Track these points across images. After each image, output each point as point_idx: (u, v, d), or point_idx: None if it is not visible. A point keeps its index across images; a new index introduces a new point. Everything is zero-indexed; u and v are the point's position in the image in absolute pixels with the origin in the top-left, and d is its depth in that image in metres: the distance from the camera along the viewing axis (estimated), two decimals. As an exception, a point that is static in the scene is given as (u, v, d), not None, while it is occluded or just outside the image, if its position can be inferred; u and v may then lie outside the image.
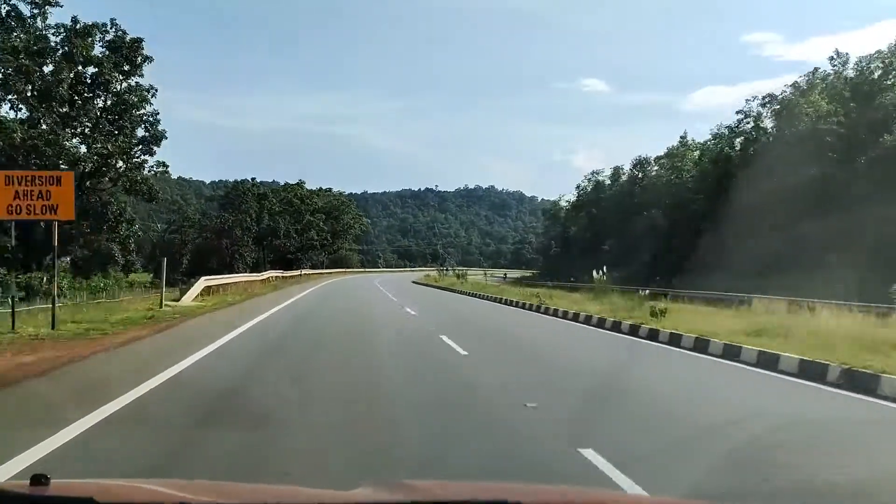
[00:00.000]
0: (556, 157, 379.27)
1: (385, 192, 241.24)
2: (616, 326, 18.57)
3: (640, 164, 76.69)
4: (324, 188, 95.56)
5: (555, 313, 24.75)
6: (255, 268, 63.58)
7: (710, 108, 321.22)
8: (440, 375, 10.53)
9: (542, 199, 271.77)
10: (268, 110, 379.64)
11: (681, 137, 68.44)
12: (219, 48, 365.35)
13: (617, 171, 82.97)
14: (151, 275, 54.68)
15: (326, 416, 7.31)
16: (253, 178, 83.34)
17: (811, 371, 10.44)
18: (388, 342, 15.76)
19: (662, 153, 71.84)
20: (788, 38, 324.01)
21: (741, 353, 12.35)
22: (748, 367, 11.63)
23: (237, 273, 53.54)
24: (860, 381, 9.45)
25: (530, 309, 28.65)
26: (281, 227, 75.94)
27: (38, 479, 1.80)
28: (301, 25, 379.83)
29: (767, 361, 11.48)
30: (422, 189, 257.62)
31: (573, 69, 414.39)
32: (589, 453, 5.63)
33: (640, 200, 70.17)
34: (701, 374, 11.41)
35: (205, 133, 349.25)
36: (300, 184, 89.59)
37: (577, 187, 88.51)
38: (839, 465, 5.71)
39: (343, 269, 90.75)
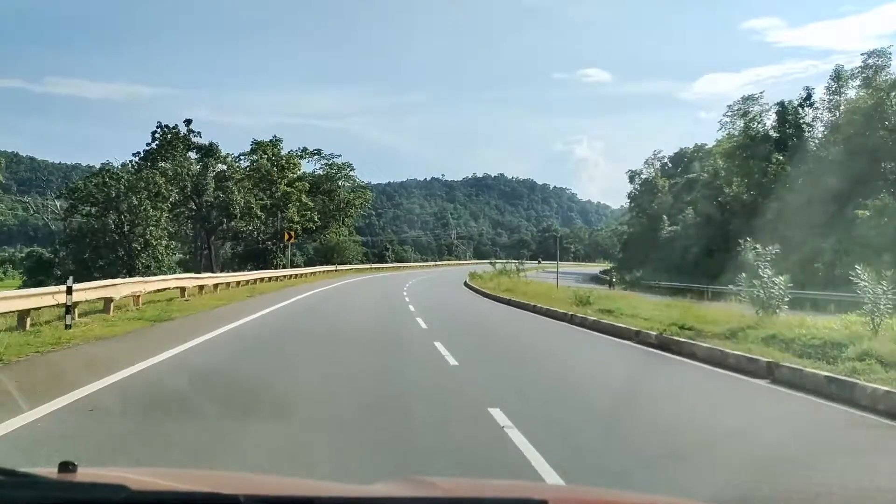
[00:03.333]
0: (558, 148, 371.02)
1: (389, 182, 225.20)
2: None
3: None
4: (309, 149, 65.51)
5: None
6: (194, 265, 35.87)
7: (712, 95, 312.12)
8: None
9: (555, 187, 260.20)
10: (269, 107, 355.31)
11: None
12: (216, 44, 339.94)
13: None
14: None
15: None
16: (188, 122, 51.97)
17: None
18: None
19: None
20: (790, 23, 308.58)
21: None
22: None
23: (138, 277, 24.84)
24: None
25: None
26: (236, 201, 46.47)
27: (66, 467, 1.76)
28: (299, 22, 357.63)
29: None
30: (428, 179, 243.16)
31: (574, 60, 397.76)
32: None
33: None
34: None
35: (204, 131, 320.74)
36: (275, 141, 60.27)
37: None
38: None
39: (342, 268, 60.30)
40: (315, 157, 64.77)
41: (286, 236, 41.47)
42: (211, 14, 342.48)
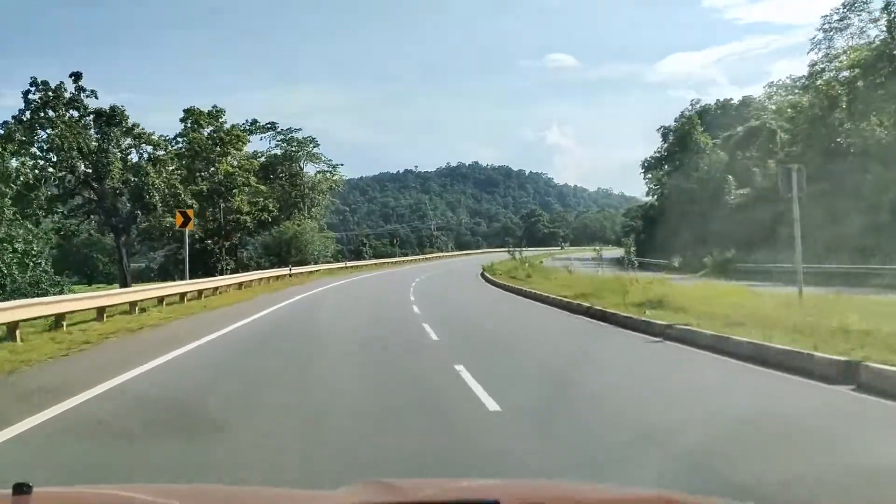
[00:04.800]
0: (531, 135, 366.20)
1: (362, 177, 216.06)
2: None
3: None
4: (261, 122, 51.12)
5: None
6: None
7: (677, 75, 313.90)
8: None
9: (531, 173, 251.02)
10: (234, 106, 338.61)
11: None
12: (184, 46, 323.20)
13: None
14: None
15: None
16: (76, 76, 35.87)
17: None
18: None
19: None
20: None
21: None
22: None
23: None
24: None
25: None
26: (153, 185, 32.45)
27: (20, 488, 1.69)
28: (263, 21, 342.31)
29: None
30: (401, 171, 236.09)
31: (540, 46, 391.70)
32: None
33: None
34: None
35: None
36: (215, 112, 46.06)
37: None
38: None
39: (303, 269, 43.81)
40: (269, 133, 50.91)
41: (179, 219, 26.23)
42: (166, 15, 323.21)
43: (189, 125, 42.47)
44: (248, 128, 48.14)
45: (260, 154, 50.17)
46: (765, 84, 44.18)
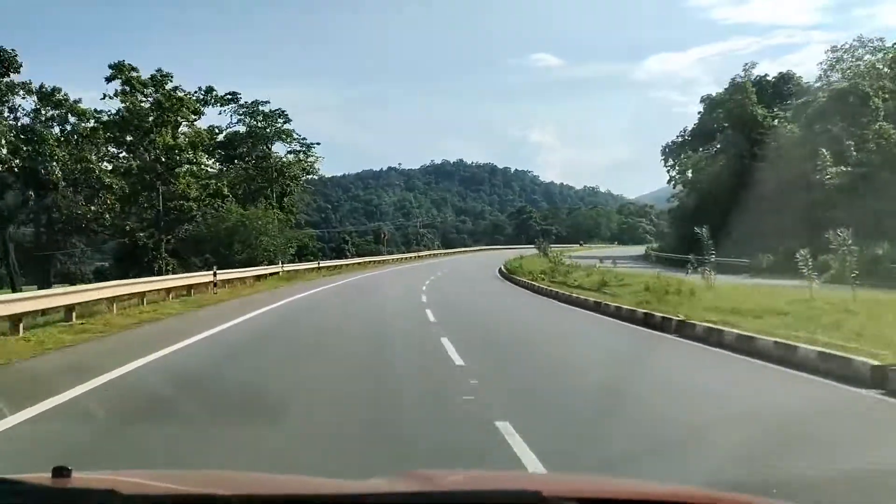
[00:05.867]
0: (516, 133, 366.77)
1: (344, 174, 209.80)
2: None
3: None
4: (217, 91, 41.01)
5: None
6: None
7: (662, 75, 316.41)
8: None
9: (517, 170, 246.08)
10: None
11: None
12: (173, 41, 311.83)
13: None
14: None
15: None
16: None
17: None
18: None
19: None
20: (733, 0, 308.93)
21: None
22: None
23: None
24: None
25: None
26: (55, 157, 22.69)
27: (60, 472, 1.70)
28: (244, 19, 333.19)
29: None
30: (384, 169, 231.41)
31: (524, 46, 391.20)
32: None
33: None
34: None
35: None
36: (159, 79, 35.02)
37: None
38: None
39: (236, 273, 33.13)
40: (231, 107, 40.92)
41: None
42: (149, 12, 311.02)
43: (121, 89, 32.60)
44: (201, 97, 38.24)
45: (218, 130, 40.18)
46: (826, 49, 34.38)
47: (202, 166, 34.26)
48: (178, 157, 31.55)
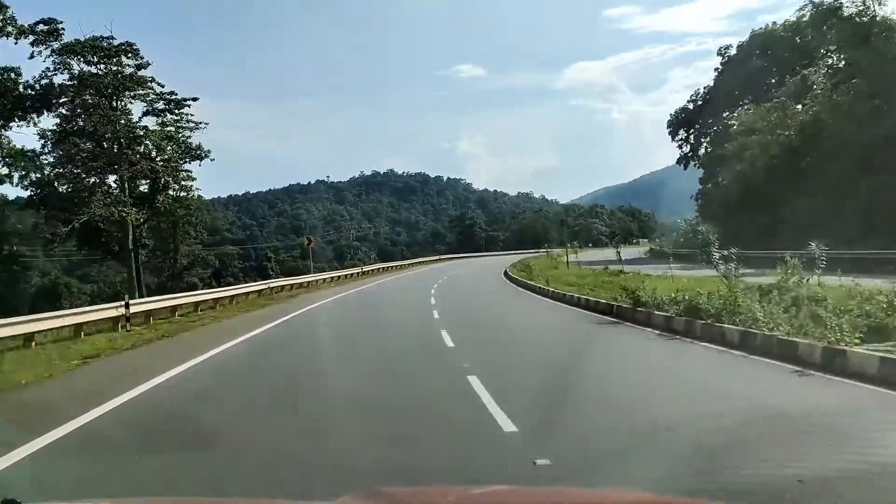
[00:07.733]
0: (444, 145, 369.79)
1: (270, 189, 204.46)
2: None
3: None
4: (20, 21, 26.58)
5: None
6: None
7: (582, 83, 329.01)
8: None
9: (449, 179, 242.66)
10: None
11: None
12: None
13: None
14: None
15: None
16: None
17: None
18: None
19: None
20: (646, 9, 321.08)
21: None
22: None
23: None
24: None
25: None
26: None
27: None
28: (167, 33, 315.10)
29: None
30: (312, 182, 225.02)
31: (448, 57, 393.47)
32: None
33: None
34: None
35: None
36: None
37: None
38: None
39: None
40: (55, 49, 26.82)
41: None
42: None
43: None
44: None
45: (17, 73, 26.14)
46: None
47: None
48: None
